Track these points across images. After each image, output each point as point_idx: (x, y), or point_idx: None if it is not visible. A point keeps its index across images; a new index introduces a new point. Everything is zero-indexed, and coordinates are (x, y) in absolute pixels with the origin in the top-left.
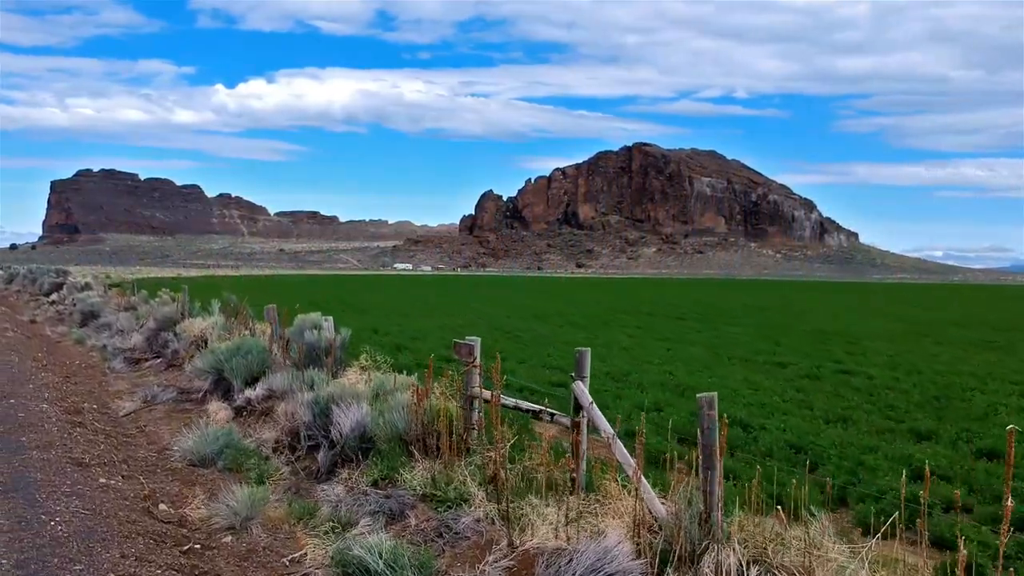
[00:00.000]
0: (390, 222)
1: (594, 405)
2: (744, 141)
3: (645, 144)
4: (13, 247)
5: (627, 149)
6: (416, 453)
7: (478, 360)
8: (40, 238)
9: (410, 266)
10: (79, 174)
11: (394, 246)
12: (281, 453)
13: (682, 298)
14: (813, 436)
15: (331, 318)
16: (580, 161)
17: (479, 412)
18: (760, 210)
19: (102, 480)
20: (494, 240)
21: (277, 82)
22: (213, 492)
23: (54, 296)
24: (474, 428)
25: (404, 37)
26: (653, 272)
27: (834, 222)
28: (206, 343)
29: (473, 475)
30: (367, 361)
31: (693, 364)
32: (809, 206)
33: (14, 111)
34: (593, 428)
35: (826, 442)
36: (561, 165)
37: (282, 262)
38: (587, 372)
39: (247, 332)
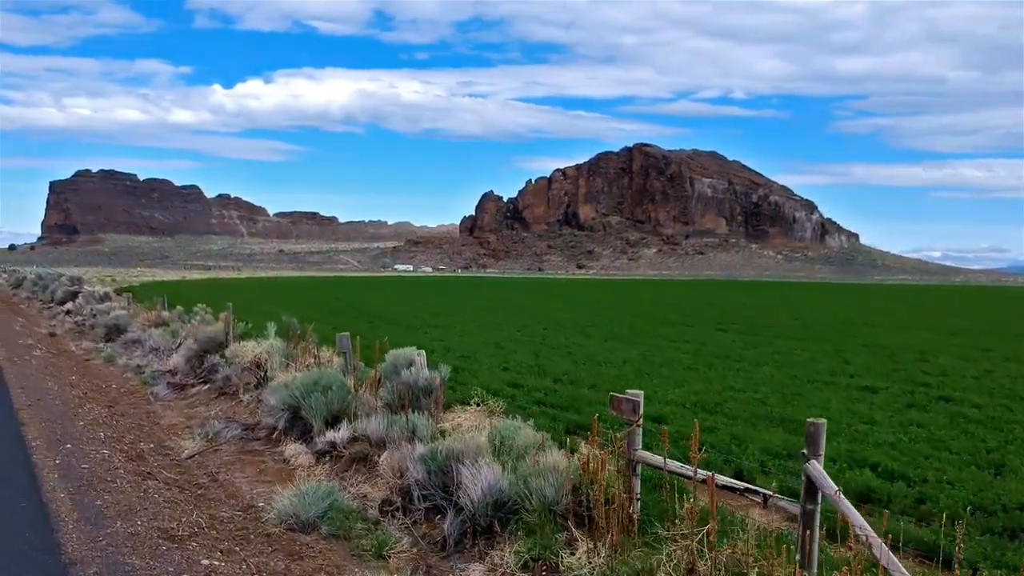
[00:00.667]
0: (389, 223)
1: (842, 495)
2: (742, 142)
3: (646, 145)
4: (12, 248)
5: (628, 150)
6: (572, 528)
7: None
8: (39, 239)
9: (411, 267)
10: (78, 174)
11: (394, 247)
12: (392, 516)
13: (706, 304)
14: (987, 491)
15: (423, 352)
16: (580, 162)
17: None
18: (761, 211)
19: (204, 561)
20: (494, 241)
21: (275, 82)
22: (330, 573)
23: (69, 305)
24: (638, 499)
25: (402, 37)
26: (654, 273)
27: (835, 223)
28: (263, 370)
29: (659, 564)
30: (478, 403)
31: (775, 388)
32: (810, 207)
33: (11, 111)
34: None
35: (1011, 499)
36: (559, 166)
37: (282, 263)
38: (822, 448)
39: (312, 361)
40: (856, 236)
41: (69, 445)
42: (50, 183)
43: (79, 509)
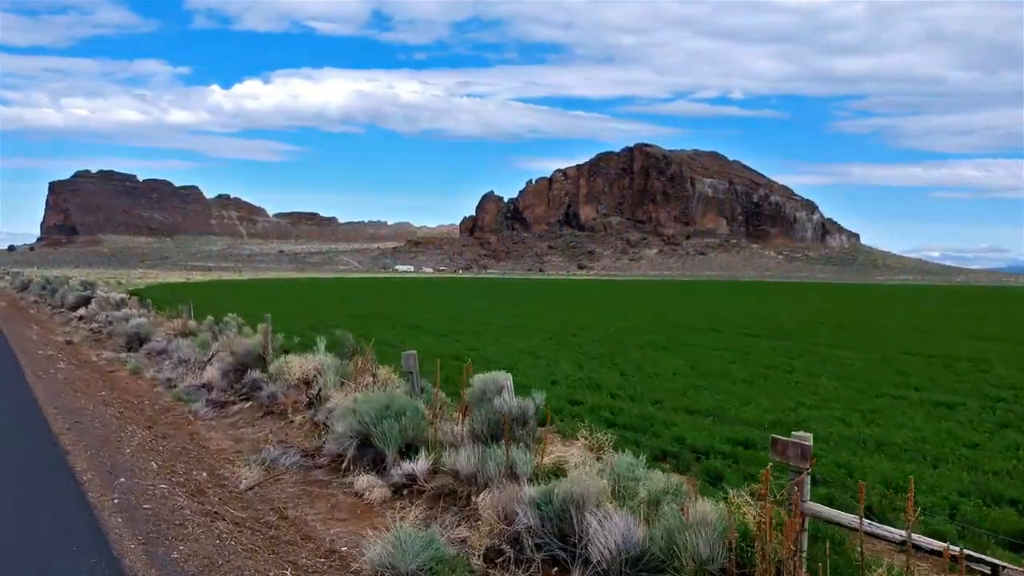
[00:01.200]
0: (389, 223)
1: None
2: (741, 142)
3: (646, 145)
4: (11, 248)
5: (628, 150)
6: None
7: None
8: (38, 239)
9: (411, 268)
10: (77, 175)
11: (395, 247)
12: (502, 568)
13: (725, 307)
14: None
15: (510, 376)
16: (580, 162)
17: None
18: (762, 211)
19: None
20: (495, 242)
21: (273, 82)
22: None
23: (82, 311)
24: (805, 558)
25: (399, 37)
26: (655, 274)
27: (835, 223)
28: (314, 389)
29: None
30: (586, 436)
31: (847, 404)
32: (811, 207)
33: (9, 112)
34: None
35: None
36: (558, 166)
37: (282, 264)
38: None
39: (371, 380)
40: (857, 236)
41: (123, 479)
42: (49, 184)
43: (156, 565)
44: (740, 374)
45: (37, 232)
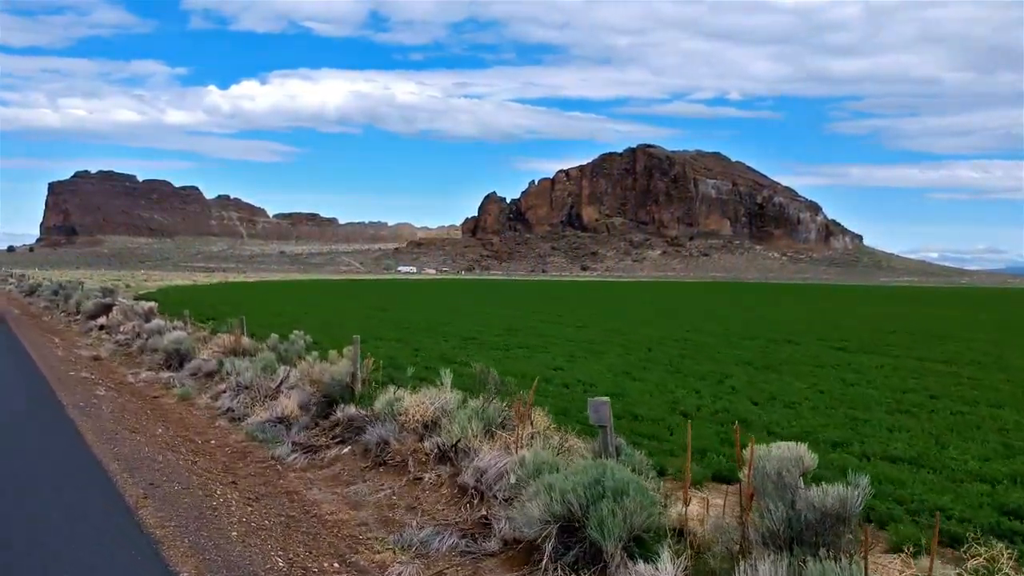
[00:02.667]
0: (390, 224)
1: None
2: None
3: (649, 146)
4: (10, 249)
5: (631, 151)
6: None
7: None
8: (37, 240)
9: (414, 269)
10: (77, 175)
11: (396, 248)
12: None
13: (780, 314)
14: None
15: (806, 450)
16: (580, 163)
17: None
18: (765, 212)
19: None
20: (497, 242)
21: (270, 83)
22: None
23: (102, 320)
24: None
25: (396, 38)
26: (659, 275)
27: (839, 224)
28: (441, 435)
29: None
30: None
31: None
32: (814, 208)
33: (7, 112)
34: None
35: None
36: (556, 167)
37: (284, 265)
38: None
39: (530, 431)
40: (860, 238)
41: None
42: (49, 184)
43: None
44: (884, 400)
45: (36, 233)
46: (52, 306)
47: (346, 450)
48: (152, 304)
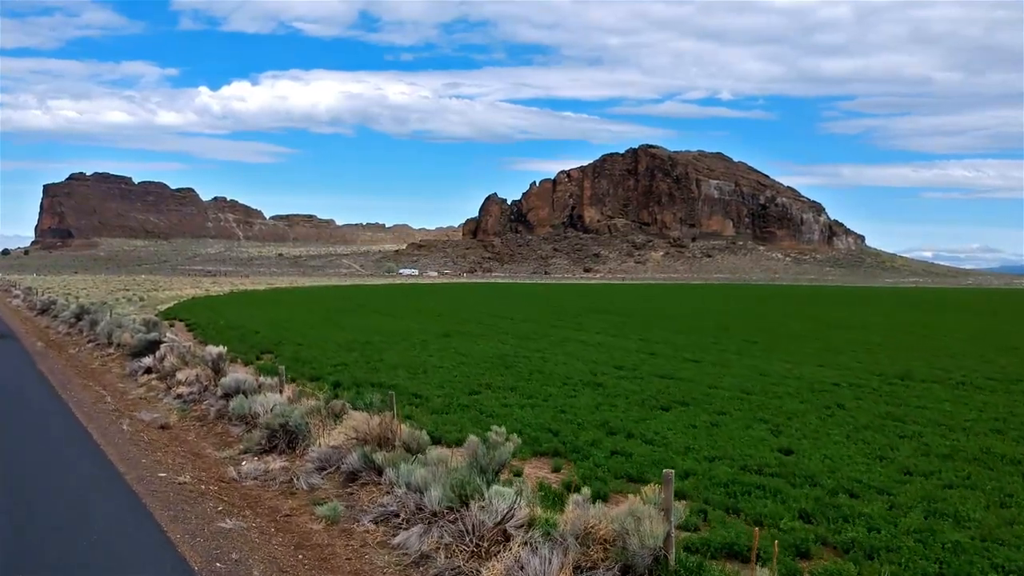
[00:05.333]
0: (387, 225)
1: None
2: (731, 143)
3: (651, 146)
4: (5, 252)
5: (632, 151)
6: None
7: None
8: (32, 242)
9: (415, 271)
10: (72, 177)
11: (396, 250)
12: None
13: (830, 319)
14: None
15: None
16: (578, 164)
17: None
18: (768, 213)
19: None
20: (499, 244)
21: (261, 84)
22: None
23: (148, 360)
24: None
25: (387, 39)
26: (662, 276)
27: (842, 225)
28: None
29: None
30: None
31: None
32: (818, 209)
33: None
34: None
35: None
36: (549, 167)
37: (284, 267)
38: None
39: None
40: (863, 238)
41: None
42: (44, 186)
43: None
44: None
45: (31, 235)
46: (74, 331)
47: None
48: (220, 349)
